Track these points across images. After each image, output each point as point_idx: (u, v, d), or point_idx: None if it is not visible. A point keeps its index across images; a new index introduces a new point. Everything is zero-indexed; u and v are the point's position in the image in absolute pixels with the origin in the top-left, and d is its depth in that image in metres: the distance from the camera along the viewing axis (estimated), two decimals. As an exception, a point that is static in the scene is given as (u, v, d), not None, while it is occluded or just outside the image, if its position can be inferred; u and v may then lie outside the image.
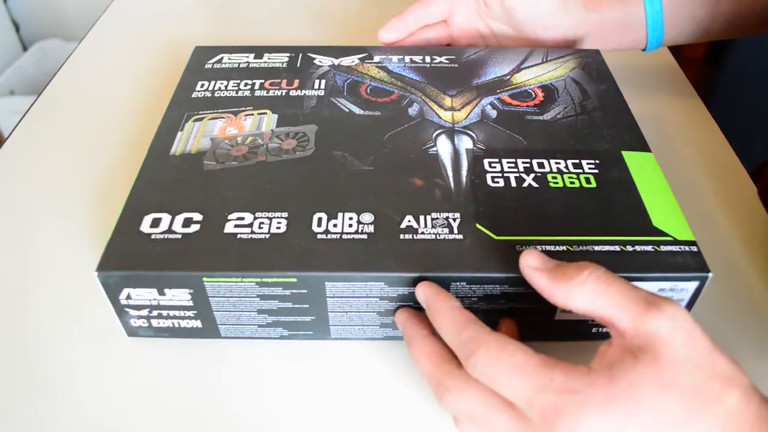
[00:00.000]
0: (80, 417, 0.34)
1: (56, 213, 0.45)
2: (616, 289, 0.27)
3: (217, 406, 0.34)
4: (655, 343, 0.26)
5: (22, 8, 1.63)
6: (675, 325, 0.26)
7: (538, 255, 0.30)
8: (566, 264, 0.29)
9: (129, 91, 0.57)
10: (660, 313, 0.26)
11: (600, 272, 0.28)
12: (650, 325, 0.26)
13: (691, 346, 0.26)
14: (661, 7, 0.49)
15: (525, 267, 0.30)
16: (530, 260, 0.30)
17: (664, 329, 0.26)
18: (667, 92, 0.57)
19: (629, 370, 0.25)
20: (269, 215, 0.35)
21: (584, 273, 0.28)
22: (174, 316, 0.35)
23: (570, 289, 0.28)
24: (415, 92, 0.46)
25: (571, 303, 0.28)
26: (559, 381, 0.26)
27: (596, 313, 0.28)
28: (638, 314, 0.26)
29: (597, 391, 0.25)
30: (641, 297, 0.27)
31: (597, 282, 0.27)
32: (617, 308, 0.27)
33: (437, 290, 0.32)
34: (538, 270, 0.30)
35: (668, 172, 0.39)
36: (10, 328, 0.38)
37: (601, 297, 0.27)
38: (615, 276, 0.28)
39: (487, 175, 0.38)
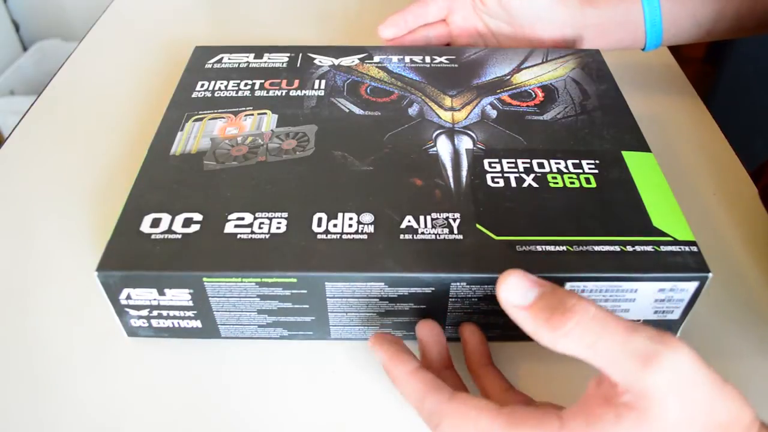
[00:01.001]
0: (80, 417, 0.34)
1: (56, 213, 0.45)
2: (607, 344, 0.24)
3: (217, 406, 0.34)
4: (645, 404, 0.23)
5: (22, 8, 1.63)
6: (672, 383, 0.23)
7: (519, 285, 0.26)
8: (552, 300, 0.25)
9: (129, 91, 0.57)
10: (658, 369, 0.23)
11: (587, 319, 0.24)
12: (643, 384, 0.23)
13: (688, 403, 0.23)
14: (660, 5, 0.49)
15: (505, 302, 0.26)
16: (510, 295, 0.26)
17: (659, 389, 0.23)
18: (667, 92, 0.57)
19: (608, 429, 0.23)
20: (269, 215, 0.35)
21: (570, 323, 0.24)
22: (174, 316, 0.35)
23: (555, 338, 0.25)
24: (415, 92, 0.46)
25: (558, 351, 0.25)
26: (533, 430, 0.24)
27: (586, 361, 0.25)
28: (630, 372, 0.23)
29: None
30: (637, 349, 0.23)
31: (584, 333, 0.24)
32: (608, 363, 0.24)
33: (392, 351, 0.31)
34: (520, 309, 0.26)
35: (668, 172, 0.39)
36: (10, 328, 0.38)
37: (589, 350, 0.24)
38: (606, 321, 0.24)
39: (487, 175, 0.38)
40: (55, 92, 0.58)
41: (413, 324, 0.35)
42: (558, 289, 0.26)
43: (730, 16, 0.49)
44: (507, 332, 0.36)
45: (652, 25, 0.50)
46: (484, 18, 0.53)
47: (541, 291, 0.26)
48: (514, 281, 0.26)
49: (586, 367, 0.26)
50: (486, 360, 0.34)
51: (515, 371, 0.35)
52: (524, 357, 0.36)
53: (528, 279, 0.26)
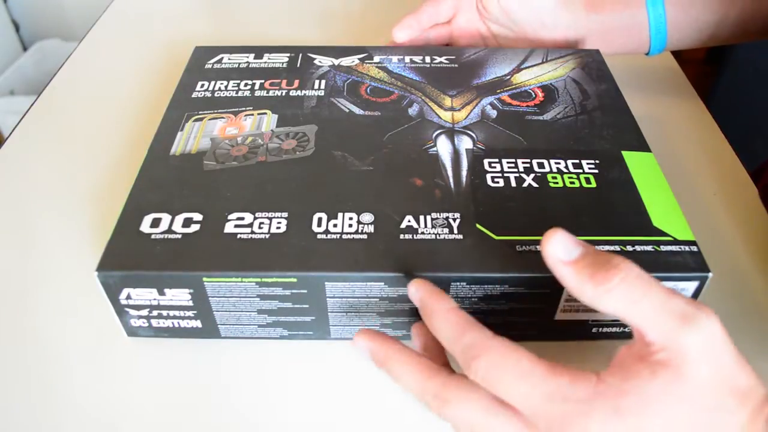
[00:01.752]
0: (80, 417, 0.34)
1: (56, 213, 0.45)
2: (650, 301, 0.25)
3: (217, 406, 0.34)
4: (680, 361, 0.24)
5: (22, 8, 1.63)
6: (706, 345, 0.24)
7: (564, 241, 0.27)
8: (597, 258, 0.26)
9: (129, 91, 0.57)
10: (695, 329, 0.24)
11: (633, 277, 0.25)
12: (681, 343, 0.24)
13: (717, 366, 0.24)
14: (665, 11, 0.49)
15: (550, 257, 0.27)
16: (555, 249, 0.27)
17: (695, 348, 0.24)
18: (668, 92, 0.57)
19: (644, 385, 0.24)
20: (269, 215, 0.35)
21: (615, 278, 0.25)
22: (174, 316, 0.35)
23: (598, 293, 0.25)
24: (415, 92, 0.46)
25: (600, 307, 0.26)
26: (566, 390, 0.25)
27: (625, 320, 0.26)
28: (670, 329, 0.24)
29: (606, 402, 0.24)
30: (677, 310, 0.25)
31: (628, 290, 0.25)
32: (648, 320, 0.25)
33: (432, 289, 0.30)
34: (564, 264, 0.26)
35: (668, 172, 0.39)
36: (10, 328, 0.38)
37: (632, 306, 0.25)
38: (650, 281, 0.25)
39: (487, 175, 0.38)
40: (55, 92, 0.58)
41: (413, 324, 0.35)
42: (601, 251, 0.27)
43: (733, 22, 0.49)
44: (507, 332, 0.36)
45: (656, 31, 0.50)
46: (487, 22, 0.53)
47: (585, 250, 0.26)
48: (560, 237, 0.27)
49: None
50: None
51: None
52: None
53: (573, 238, 0.27)
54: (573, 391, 0.25)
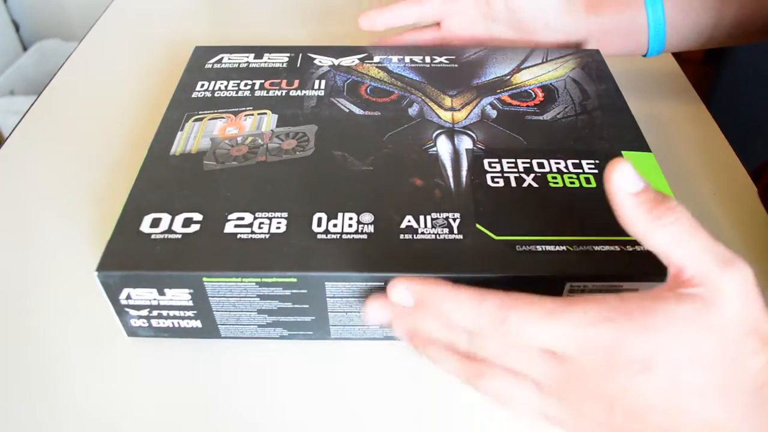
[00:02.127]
0: (80, 417, 0.34)
1: (56, 213, 0.45)
2: (698, 243, 0.26)
3: (217, 406, 0.34)
4: (712, 296, 0.26)
5: (22, 8, 1.63)
6: (740, 288, 0.26)
7: (629, 172, 0.27)
8: (656, 195, 0.27)
9: (129, 91, 0.57)
10: (732, 272, 0.26)
11: (685, 218, 0.27)
12: (717, 281, 0.26)
13: (746, 308, 0.26)
14: (664, 13, 0.49)
15: (614, 185, 0.28)
16: (620, 178, 0.28)
17: (729, 288, 0.25)
18: (668, 92, 0.57)
19: (670, 307, 0.26)
20: (269, 215, 0.35)
21: (671, 216, 0.27)
22: (174, 316, 0.35)
23: (651, 226, 0.27)
24: (415, 92, 0.46)
25: (648, 240, 0.27)
26: (592, 312, 0.26)
27: (668, 257, 0.27)
28: (710, 269, 0.26)
29: (634, 320, 0.25)
30: (719, 254, 0.26)
31: (680, 229, 0.27)
32: (691, 259, 0.26)
33: (423, 280, 0.29)
34: (627, 194, 0.27)
35: (668, 172, 0.39)
36: (10, 328, 0.38)
37: (679, 246, 0.26)
38: (698, 227, 0.27)
39: (487, 175, 0.38)
40: (55, 92, 0.58)
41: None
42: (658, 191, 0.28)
43: (732, 24, 0.49)
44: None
45: (655, 32, 0.50)
46: (488, 22, 0.52)
47: (647, 185, 0.28)
48: (627, 168, 0.27)
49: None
50: None
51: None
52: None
53: (636, 171, 0.28)
54: (599, 312, 0.26)
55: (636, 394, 0.26)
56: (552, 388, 0.27)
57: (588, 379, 0.26)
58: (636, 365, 0.25)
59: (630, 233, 0.28)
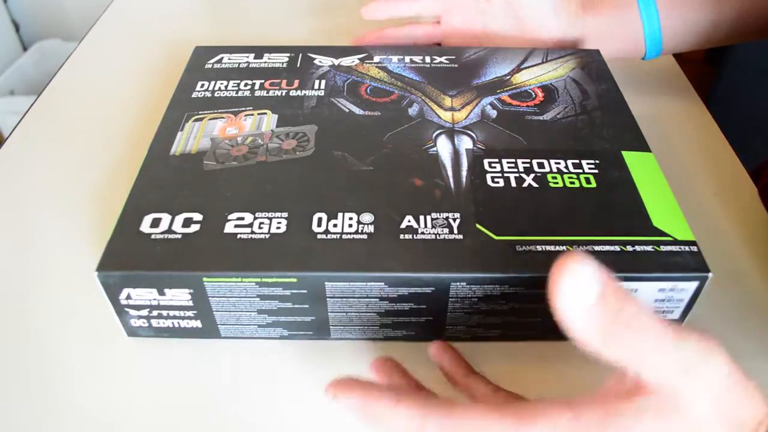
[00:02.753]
0: (80, 417, 0.34)
1: (56, 213, 0.45)
2: (655, 356, 0.23)
3: (217, 406, 0.34)
4: (674, 403, 0.23)
5: (22, 8, 1.63)
6: (708, 389, 0.23)
7: (581, 281, 0.22)
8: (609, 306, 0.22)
9: (129, 91, 0.57)
10: (699, 378, 0.23)
11: (646, 329, 0.23)
12: (679, 392, 0.23)
13: (716, 406, 0.23)
14: (658, 17, 0.49)
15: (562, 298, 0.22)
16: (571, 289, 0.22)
17: (696, 397, 0.23)
18: (668, 92, 0.57)
19: (628, 424, 0.23)
20: (269, 215, 0.35)
21: (628, 333, 0.22)
22: (174, 316, 0.35)
23: (605, 344, 0.23)
24: (415, 92, 0.46)
25: (601, 356, 0.23)
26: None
27: (626, 369, 0.23)
28: (672, 381, 0.23)
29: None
30: (682, 360, 0.23)
31: (636, 346, 0.23)
32: (651, 372, 0.23)
33: (362, 391, 0.27)
34: (577, 310, 0.22)
35: (668, 172, 0.39)
36: (10, 328, 0.38)
37: (637, 361, 0.23)
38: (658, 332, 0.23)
39: (487, 175, 0.38)
40: (55, 92, 0.58)
41: (413, 324, 0.35)
42: (613, 284, 0.23)
43: (729, 25, 0.49)
44: (507, 332, 0.36)
45: (651, 35, 0.50)
46: (486, 19, 0.52)
47: (600, 287, 0.22)
48: (579, 277, 0.22)
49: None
50: (467, 371, 0.33)
51: (515, 371, 0.35)
52: (524, 357, 0.36)
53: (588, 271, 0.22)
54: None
55: None
56: None
57: None
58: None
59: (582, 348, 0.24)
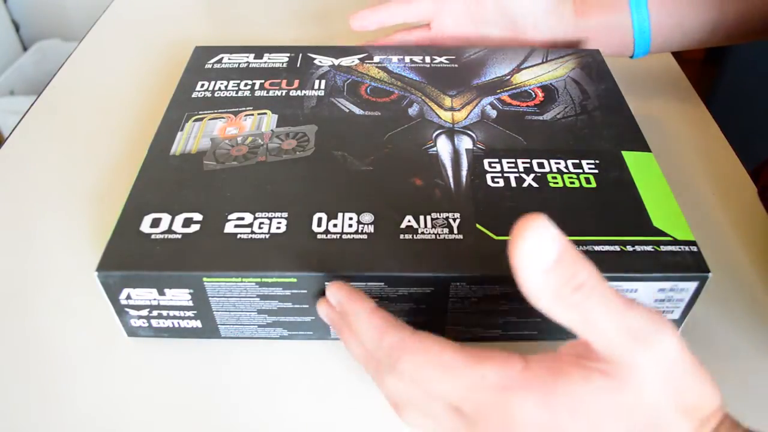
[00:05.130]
0: (80, 417, 0.34)
1: (56, 213, 0.45)
2: (604, 322, 0.23)
3: (217, 406, 0.34)
4: (624, 375, 0.23)
5: (22, 8, 1.63)
6: (657, 365, 0.23)
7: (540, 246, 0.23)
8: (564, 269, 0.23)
9: (129, 91, 0.57)
10: (649, 349, 0.23)
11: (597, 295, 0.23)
12: (631, 362, 0.23)
13: (664, 385, 0.23)
14: (648, 16, 0.49)
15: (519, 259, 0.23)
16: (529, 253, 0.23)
17: (645, 366, 0.23)
18: (667, 92, 0.57)
19: (575, 387, 0.24)
20: (269, 215, 0.35)
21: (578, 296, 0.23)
22: (174, 316, 0.35)
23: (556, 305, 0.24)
24: (415, 92, 0.46)
25: (552, 317, 0.24)
26: (491, 379, 0.24)
27: (575, 333, 0.24)
28: (621, 350, 0.23)
29: (536, 390, 0.24)
30: (632, 328, 0.23)
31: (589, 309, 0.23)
32: (600, 339, 0.24)
33: (350, 291, 0.31)
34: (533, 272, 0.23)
35: (668, 172, 0.39)
36: (11, 328, 0.38)
37: (587, 325, 0.24)
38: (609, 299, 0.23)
39: (487, 175, 0.38)
40: (55, 92, 0.58)
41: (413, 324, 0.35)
42: (570, 249, 0.24)
43: (718, 26, 0.49)
44: (507, 332, 0.36)
45: (640, 34, 0.50)
46: (477, 22, 0.52)
47: (558, 254, 0.23)
48: (537, 242, 0.23)
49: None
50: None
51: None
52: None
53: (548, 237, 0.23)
54: (498, 379, 0.24)
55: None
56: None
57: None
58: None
59: (533, 302, 0.24)
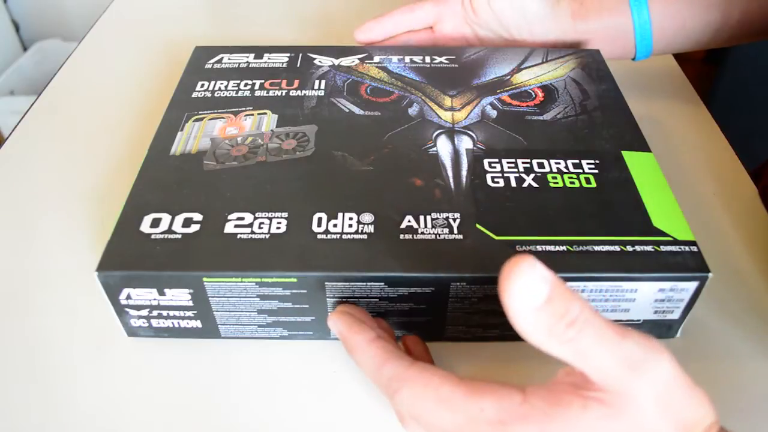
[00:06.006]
0: (80, 417, 0.34)
1: (56, 213, 0.45)
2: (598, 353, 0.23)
3: (217, 406, 0.34)
4: (621, 403, 0.23)
5: (22, 8, 1.63)
6: (653, 389, 0.23)
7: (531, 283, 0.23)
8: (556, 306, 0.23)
9: (129, 91, 0.57)
10: (643, 376, 0.23)
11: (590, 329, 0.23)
12: (628, 389, 0.23)
13: (662, 408, 0.23)
14: (650, 19, 0.49)
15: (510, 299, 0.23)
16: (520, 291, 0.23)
17: (642, 395, 0.23)
18: (667, 92, 0.57)
19: (573, 416, 0.24)
20: (269, 215, 0.35)
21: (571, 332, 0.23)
22: (174, 316, 0.35)
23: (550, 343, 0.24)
24: (415, 92, 0.46)
25: (546, 351, 0.24)
26: (489, 412, 0.24)
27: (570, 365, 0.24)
28: (616, 380, 0.23)
29: (529, 426, 0.24)
30: (625, 358, 0.23)
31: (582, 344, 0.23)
32: (595, 370, 0.24)
33: (351, 321, 0.31)
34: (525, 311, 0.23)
35: (668, 172, 0.39)
36: (10, 328, 0.38)
37: (582, 359, 0.24)
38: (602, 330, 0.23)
39: (487, 175, 0.38)
40: (55, 92, 0.58)
41: (413, 324, 0.35)
42: (560, 286, 0.23)
43: (721, 28, 0.49)
44: (506, 332, 0.36)
45: (642, 37, 0.50)
46: (474, 27, 0.52)
47: (550, 290, 0.23)
48: (528, 279, 0.23)
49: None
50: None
51: (515, 371, 0.35)
52: (524, 357, 0.36)
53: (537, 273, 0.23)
54: (496, 414, 0.24)
55: None
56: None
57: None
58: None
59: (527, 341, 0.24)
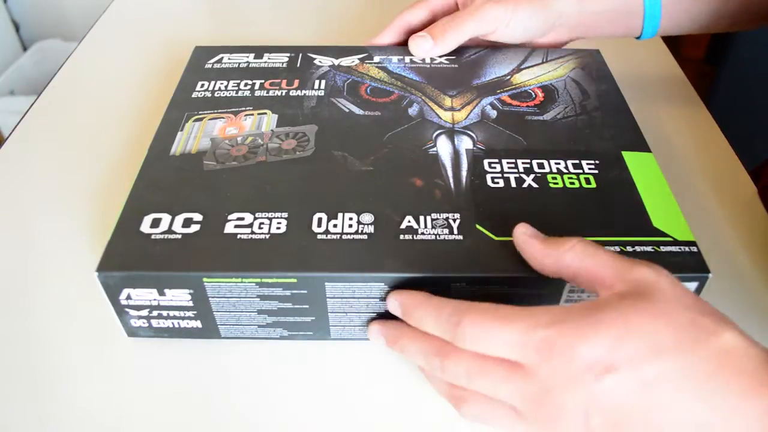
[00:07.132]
0: (80, 417, 0.34)
1: (56, 213, 0.45)
2: (603, 252, 0.29)
3: (217, 406, 0.34)
4: (643, 287, 0.27)
5: (22, 8, 1.63)
6: (660, 275, 0.27)
7: (531, 227, 0.32)
8: (553, 239, 0.31)
9: (129, 91, 0.57)
10: (645, 266, 0.28)
11: (588, 242, 0.30)
12: (636, 274, 0.27)
13: (679, 289, 0.27)
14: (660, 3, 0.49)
15: (519, 235, 0.32)
16: (524, 229, 0.32)
17: (650, 276, 0.27)
18: (667, 92, 0.57)
19: (615, 303, 0.26)
20: (269, 215, 0.35)
21: (573, 240, 0.30)
22: (174, 316, 0.35)
23: (559, 253, 0.30)
24: (415, 92, 0.46)
25: (560, 263, 0.30)
26: (544, 318, 0.27)
27: (583, 273, 0.29)
28: (624, 268, 0.28)
29: (584, 318, 0.26)
30: (627, 259, 0.28)
31: (585, 247, 0.30)
32: (604, 266, 0.28)
33: (408, 291, 0.32)
34: (531, 237, 0.32)
35: (668, 172, 0.39)
36: (10, 328, 0.38)
37: (588, 258, 0.29)
38: (602, 246, 0.30)
39: (487, 176, 0.38)
40: (55, 92, 0.58)
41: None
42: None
43: (725, 12, 0.49)
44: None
45: (651, 17, 0.49)
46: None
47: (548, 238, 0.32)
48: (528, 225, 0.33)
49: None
50: None
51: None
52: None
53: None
54: (551, 318, 0.27)
55: (605, 400, 0.25)
56: (527, 412, 0.27)
57: (554, 392, 0.26)
58: (596, 367, 0.25)
59: (544, 270, 0.31)
